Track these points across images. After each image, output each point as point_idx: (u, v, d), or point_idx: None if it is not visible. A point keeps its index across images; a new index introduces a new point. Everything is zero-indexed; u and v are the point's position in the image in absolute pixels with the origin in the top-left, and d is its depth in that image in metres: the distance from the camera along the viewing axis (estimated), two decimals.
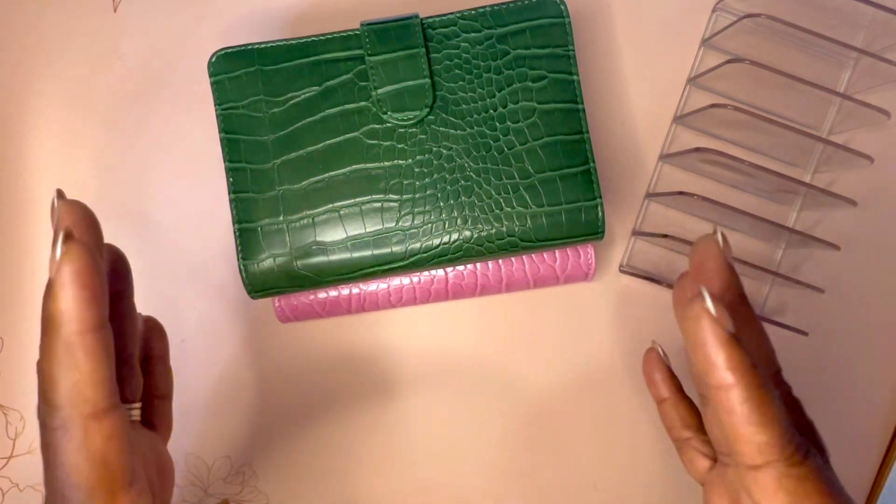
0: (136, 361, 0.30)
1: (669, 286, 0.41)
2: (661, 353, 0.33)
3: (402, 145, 0.36)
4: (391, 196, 0.36)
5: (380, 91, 0.36)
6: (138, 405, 0.29)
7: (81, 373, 0.23)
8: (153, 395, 0.32)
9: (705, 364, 0.23)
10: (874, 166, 0.38)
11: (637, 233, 0.42)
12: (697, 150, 0.38)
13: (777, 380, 0.28)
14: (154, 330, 0.33)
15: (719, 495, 0.28)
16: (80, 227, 0.25)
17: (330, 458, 0.41)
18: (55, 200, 0.26)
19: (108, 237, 0.42)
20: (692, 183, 0.42)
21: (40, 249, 0.42)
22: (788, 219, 0.42)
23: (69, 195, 0.42)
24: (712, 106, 0.38)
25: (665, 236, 0.39)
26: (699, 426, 0.31)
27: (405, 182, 0.36)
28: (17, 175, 0.42)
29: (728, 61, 0.37)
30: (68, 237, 0.23)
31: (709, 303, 0.23)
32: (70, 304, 0.22)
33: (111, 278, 0.29)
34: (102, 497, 0.23)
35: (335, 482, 0.41)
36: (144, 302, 0.42)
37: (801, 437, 0.24)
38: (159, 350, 0.33)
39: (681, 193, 0.38)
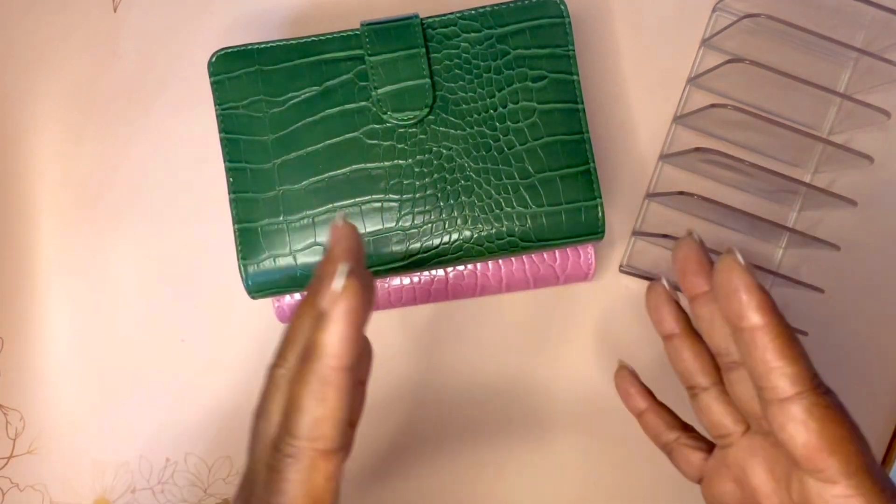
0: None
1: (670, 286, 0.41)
2: (630, 369, 0.35)
3: (402, 145, 0.36)
4: (391, 196, 0.36)
5: (380, 91, 0.36)
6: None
7: (326, 409, 0.24)
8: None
9: (738, 308, 0.25)
10: (874, 166, 0.38)
11: (637, 233, 0.42)
12: (697, 150, 0.38)
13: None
14: (363, 353, 0.32)
15: (722, 478, 0.30)
16: (353, 257, 0.26)
17: None
18: (339, 221, 0.27)
19: (107, 236, 0.42)
20: (692, 183, 0.42)
21: (40, 249, 0.42)
22: (788, 219, 0.42)
23: (69, 195, 0.42)
24: (712, 106, 0.37)
25: (665, 236, 0.39)
26: (683, 425, 0.33)
27: (405, 182, 0.36)
28: (17, 175, 0.42)
29: (728, 61, 0.37)
30: (352, 272, 0.24)
31: (738, 256, 0.25)
32: (336, 339, 0.23)
33: None
34: None
35: None
36: (144, 302, 0.42)
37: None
38: (363, 374, 0.33)
39: (681, 193, 0.38)
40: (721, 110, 0.37)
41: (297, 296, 0.38)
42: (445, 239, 0.36)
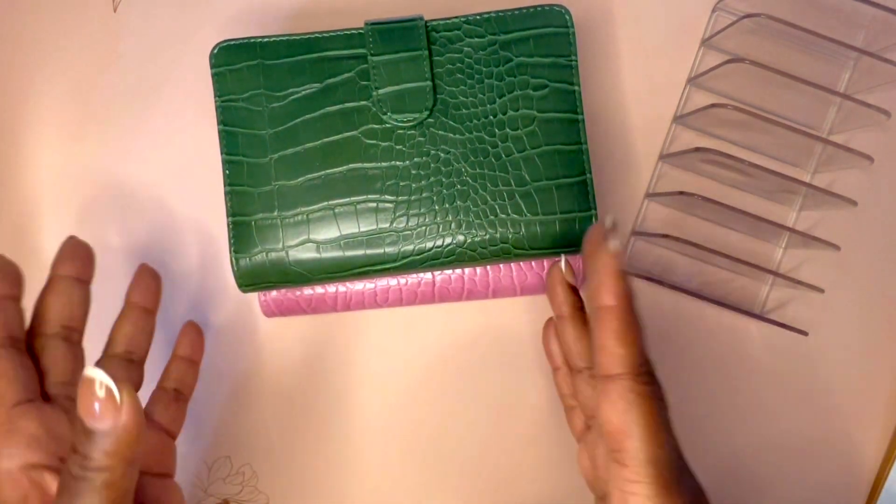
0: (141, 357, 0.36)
1: (670, 286, 0.41)
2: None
3: (400, 146, 0.36)
4: (387, 197, 0.36)
5: (380, 91, 0.36)
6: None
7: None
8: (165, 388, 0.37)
9: (598, 286, 0.26)
10: (874, 166, 0.38)
11: (637, 233, 0.42)
12: (697, 150, 0.38)
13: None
14: (185, 333, 0.39)
15: (583, 452, 0.33)
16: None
17: (329, 458, 0.42)
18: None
19: (106, 234, 0.42)
20: (692, 183, 0.42)
21: (39, 248, 0.42)
22: (788, 219, 0.42)
23: (67, 194, 0.42)
24: (712, 106, 0.37)
25: (665, 236, 0.39)
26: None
27: (401, 183, 0.36)
28: (16, 174, 0.43)
29: (728, 61, 0.37)
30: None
31: (612, 245, 0.27)
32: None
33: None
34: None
35: (334, 482, 0.41)
36: None
37: (651, 368, 0.27)
38: (182, 352, 0.38)
39: (681, 193, 0.38)
40: (721, 110, 0.37)
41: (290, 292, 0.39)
42: (439, 242, 0.36)
